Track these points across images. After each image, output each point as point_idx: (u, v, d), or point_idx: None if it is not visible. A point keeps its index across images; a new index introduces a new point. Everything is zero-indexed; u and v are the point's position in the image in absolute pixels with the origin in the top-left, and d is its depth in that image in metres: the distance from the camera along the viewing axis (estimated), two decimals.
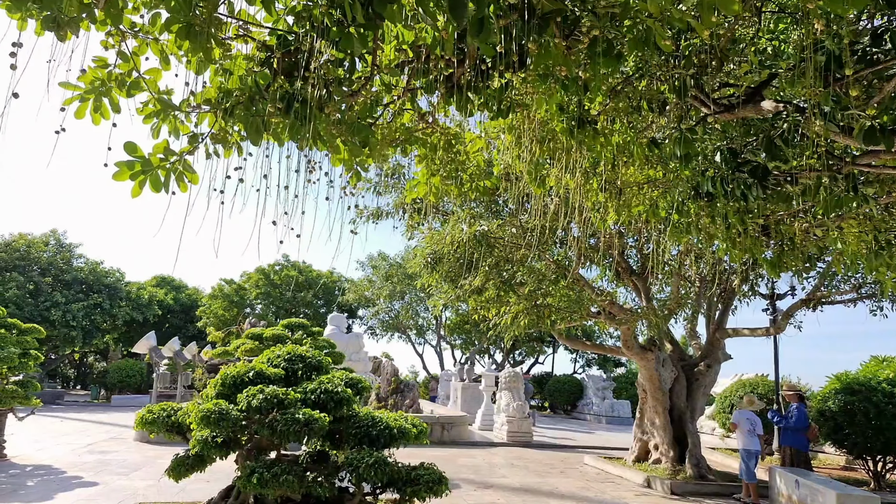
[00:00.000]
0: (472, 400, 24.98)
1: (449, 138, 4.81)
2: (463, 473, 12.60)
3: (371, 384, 22.84)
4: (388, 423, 4.96)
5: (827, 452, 16.60)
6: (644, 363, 13.07)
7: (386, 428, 4.91)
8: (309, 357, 5.53)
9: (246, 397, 4.63)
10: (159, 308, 43.37)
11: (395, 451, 5.21)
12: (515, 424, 18.45)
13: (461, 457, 15.08)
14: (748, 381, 18.60)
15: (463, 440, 18.01)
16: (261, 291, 38.27)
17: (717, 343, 13.77)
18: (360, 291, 36.97)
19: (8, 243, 37.35)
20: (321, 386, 4.98)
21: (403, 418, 5.25)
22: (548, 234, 10.19)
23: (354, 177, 4.40)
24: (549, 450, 17.53)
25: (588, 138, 5.22)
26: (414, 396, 19.44)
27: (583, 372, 39.53)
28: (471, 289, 12.09)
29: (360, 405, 5.72)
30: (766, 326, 13.54)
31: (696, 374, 13.69)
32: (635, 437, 14.11)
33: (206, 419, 4.50)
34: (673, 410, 13.46)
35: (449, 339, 39.02)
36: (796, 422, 11.41)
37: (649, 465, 13.20)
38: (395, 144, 4.69)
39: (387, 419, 5.04)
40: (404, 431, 5.00)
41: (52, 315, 36.53)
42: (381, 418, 5.02)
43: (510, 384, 19.38)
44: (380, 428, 4.92)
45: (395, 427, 4.95)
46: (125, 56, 3.64)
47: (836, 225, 6.46)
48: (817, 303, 12.46)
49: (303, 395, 4.91)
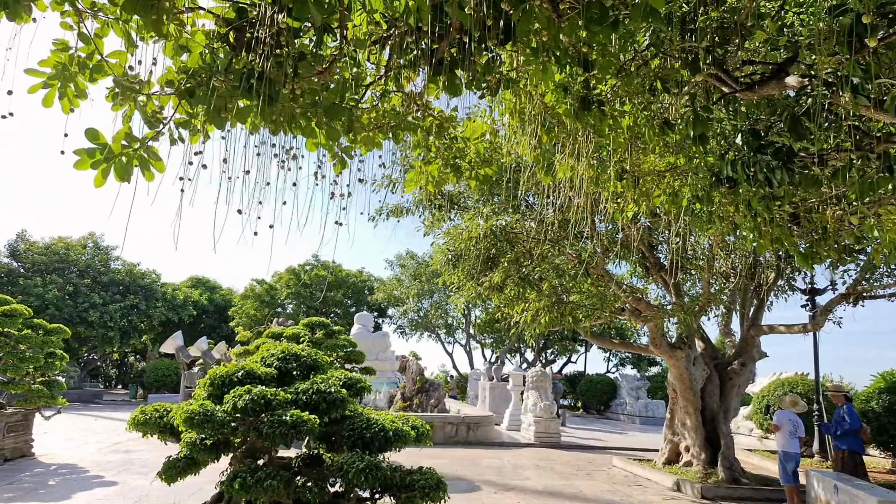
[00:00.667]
0: (501, 399, 24.63)
1: (442, 122, 4.51)
2: (486, 475, 12.29)
3: (395, 383, 22.68)
4: (383, 425, 4.69)
5: (872, 455, 15.81)
6: (674, 361, 12.56)
7: (381, 430, 4.64)
8: (304, 356, 5.29)
9: (232, 398, 4.42)
10: (194, 308, 44.07)
11: (419, 451, 4.95)
12: (543, 425, 18.05)
13: (486, 457, 14.76)
14: (787, 381, 17.86)
15: (489, 440, 17.69)
16: (291, 291, 38.50)
17: (752, 340, 13.17)
18: (389, 291, 36.88)
19: (48, 246, 38.31)
20: (314, 386, 4.74)
21: (403, 420, 4.97)
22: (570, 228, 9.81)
23: (339, 164, 4.14)
24: (577, 451, 17.09)
25: (594, 120, 4.87)
26: (439, 396, 19.19)
27: (616, 371, 38.80)
28: (490, 286, 11.78)
29: (363, 406, 5.47)
30: (803, 323, 12.88)
31: (729, 372, 13.12)
32: (665, 438, 13.60)
33: (190, 421, 4.30)
34: (705, 411, 12.93)
35: (479, 337, 38.67)
36: (852, 423, 10.79)
37: (680, 468, 12.69)
38: (384, 130, 4.42)
39: (383, 421, 4.77)
40: (401, 434, 4.72)
41: (90, 316, 37.35)
42: (376, 420, 4.76)
43: (537, 383, 18.97)
44: (374, 430, 4.65)
45: (391, 429, 4.68)
46: (86, 38, 3.44)
47: (873, 212, 5.96)
48: (858, 297, 11.77)
49: (294, 396, 4.68)
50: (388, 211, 14.42)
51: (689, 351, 12.76)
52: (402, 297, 36.69)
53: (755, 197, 5.65)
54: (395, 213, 14.30)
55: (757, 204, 5.68)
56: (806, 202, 6.66)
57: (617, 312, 11.48)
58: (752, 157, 4.97)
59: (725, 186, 5.67)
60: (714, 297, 12.67)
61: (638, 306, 11.67)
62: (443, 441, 17.19)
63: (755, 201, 5.66)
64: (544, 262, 10.63)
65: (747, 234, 6.80)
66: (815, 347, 15.63)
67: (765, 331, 13.04)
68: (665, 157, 7.22)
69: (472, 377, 32.17)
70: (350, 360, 13.76)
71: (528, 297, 10.83)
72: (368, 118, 4.28)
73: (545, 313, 10.64)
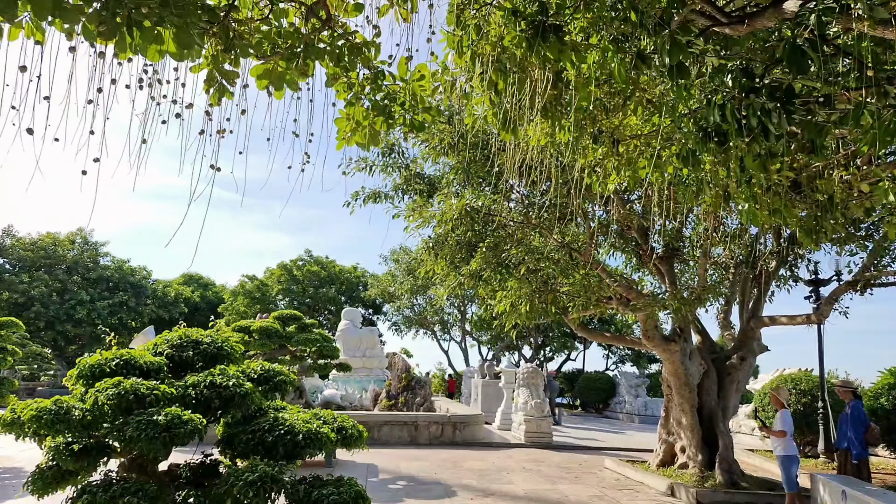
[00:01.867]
0: (494, 398, 23.74)
1: (356, 46, 3.64)
2: (465, 479, 11.43)
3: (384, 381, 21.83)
4: (292, 427, 3.84)
5: (880, 455, 14.90)
6: (668, 356, 11.67)
7: (287, 433, 3.80)
8: (206, 342, 4.44)
9: (94, 393, 3.58)
10: (186, 306, 43.33)
11: (399, 453, 4.11)
12: (534, 424, 17.17)
13: (470, 459, 13.90)
14: (791, 377, 16.94)
15: (477, 441, 16.83)
16: (282, 287, 37.68)
17: (752, 333, 12.27)
18: (383, 287, 36.00)
19: (34, 242, 37.53)
20: (207, 379, 3.90)
21: (321, 419, 4.12)
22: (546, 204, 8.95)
23: (217, 92, 3.28)
24: (569, 451, 16.21)
25: (552, 53, 4.01)
26: (426, 394, 18.32)
27: (615, 369, 37.88)
28: (469, 274, 10.92)
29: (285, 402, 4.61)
30: (806, 314, 11.97)
31: (728, 367, 12.22)
32: (660, 438, 12.72)
33: (38, 420, 3.47)
34: (702, 409, 12.04)
35: (475, 334, 37.78)
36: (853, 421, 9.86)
37: (675, 470, 11.80)
38: (287, 58, 3.55)
39: (294, 421, 3.93)
40: (314, 437, 3.88)
41: (77, 313, 36.61)
42: (284, 420, 3.92)
43: (528, 381, 18.08)
44: (278, 433, 3.80)
45: (301, 432, 3.83)
46: None
47: (888, 172, 5.10)
48: (866, 285, 10.85)
49: (181, 391, 3.85)
50: (364, 196, 13.56)
51: (685, 344, 11.87)
52: (397, 293, 35.82)
53: (749, 154, 4.77)
54: (372, 197, 13.44)
55: (751, 163, 4.79)
56: (809, 167, 5.78)
57: (604, 301, 10.57)
58: (744, 100, 4.10)
59: (714, 142, 4.79)
60: (711, 288, 11.78)
61: (628, 295, 10.78)
62: (427, 442, 16.35)
63: (749, 160, 4.78)
64: (521, 245, 9.74)
65: (741, 203, 5.92)
66: (819, 341, 14.72)
67: (766, 322, 12.14)
68: (649, 120, 6.36)
69: (466, 375, 31.33)
70: (324, 356, 12.92)
71: (508, 285, 9.95)
72: (260, 38, 3.42)
73: (525, 302, 9.77)
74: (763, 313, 12.36)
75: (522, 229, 9.87)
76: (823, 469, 13.99)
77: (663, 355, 11.76)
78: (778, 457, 9.20)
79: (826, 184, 5.66)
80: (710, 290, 11.53)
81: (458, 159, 10.06)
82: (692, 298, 10.78)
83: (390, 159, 13.51)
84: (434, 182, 13.19)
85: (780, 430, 9.09)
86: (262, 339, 12.38)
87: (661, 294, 12.77)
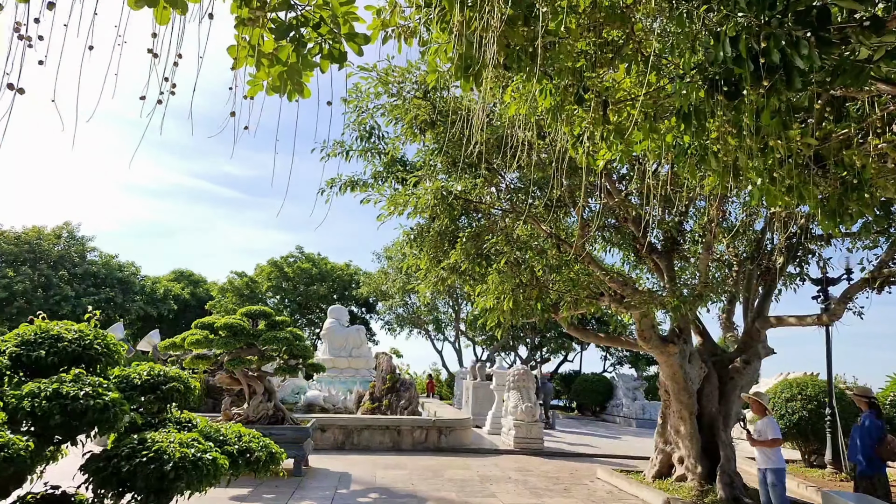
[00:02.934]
0: (485, 400, 22.77)
1: None
2: (444, 490, 10.48)
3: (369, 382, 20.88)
4: (159, 452, 2.88)
5: (893, 466, 13.93)
6: (666, 358, 10.71)
7: (151, 461, 2.86)
8: (68, 339, 3.50)
9: None
10: (175, 303, 42.32)
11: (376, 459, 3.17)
12: (524, 429, 16.22)
13: (453, 467, 12.95)
14: (796, 381, 15.96)
15: (464, 447, 15.88)
16: (272, 285, 36.73)
17: (757, 334, 11.32)
18: (376, 285, 35.01)
19: (18, 236, 36.59)
20: (50, 387, 2.95)
21: (216, 440, 3.19)
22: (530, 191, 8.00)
23: None
24: (560, 459, 15.27)
25: None
26: (411, 396, 17.36)
27: (613, 371, 36.91)
28: (448, 267, 9.97)
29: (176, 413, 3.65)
30: (816, 314, 11.01)
31: (730, 371, 11.27)
32: (656, 447, 11.75)
33: None
34: (702, 416, 11.08)
35: (470, 334, 36.80)
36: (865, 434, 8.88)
37: (672, 483, 10.84)
38: None
39: (165, 445, 2.99)
40: (192, 466, 2.93)
41: (61, 309, 35.68)
42: (152, 443, 2.98)
43: (519, 383, 17.13)
44: (137, 462, 2.86)
45: (173, 458, 2.89)
46: None
47: None
48: (885, 282, 9.89)
49: (15, 403, 2.91)
50: (341, 183, 12.59)
51: (684, 346, 10.91)
52: (389, 292, 34.86)
53: (767, 110, 3.81)
54: (350, 185, 12.47)
55: (769, 120, 3.84)
56: (834, 135, 4.82)
57: (594, 297, 9.60)
58: (765, 27, 3.16)
59: (722, 94, 3.84)
60: (714, 287, 10.82)
61: (622, 291, 9.81)
62: (410, 447, 15.41)
63: (766, 116, 3.83)
64: (502, 234, 8.78)
65: (753, 180, 4.97)
66: (827, 343, 13.77)
67: (772, 323, 11.19)
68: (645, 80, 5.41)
69: (458, 376, 30.38)
70: (295, 355, 11.95)
71: (489, 279, 9.00)
72: None
73: (508, 298, 8.81)
74: (769, 313, 11.41)
75: (504, 217, 8.92)
76: (830, 480, 13.06)
77: (661, 358, 10.81)
78: (770, 471, 8.08)
79: (856, 154, 4.70)
80: (712, 288, 10.58)
81: (436, 138, 9.12)
82: (693, 296, 9.82)
83: (370, 143, 12.56)
84: (417, 169, 12.27)
85: (773, 438, 8.05)
86: (227, 338, 11.42)
87: (659, 291, 11.82)
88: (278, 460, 3.56)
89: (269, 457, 3.50)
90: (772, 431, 8.03)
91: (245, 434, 3.58)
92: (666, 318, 13.50)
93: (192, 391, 3.78)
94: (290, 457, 11.30)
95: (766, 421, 8.15)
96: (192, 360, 11.94)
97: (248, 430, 3.69)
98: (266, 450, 3.50)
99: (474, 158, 8.83)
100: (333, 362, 22.31)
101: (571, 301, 9.96)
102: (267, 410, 11.78)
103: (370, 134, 12.49)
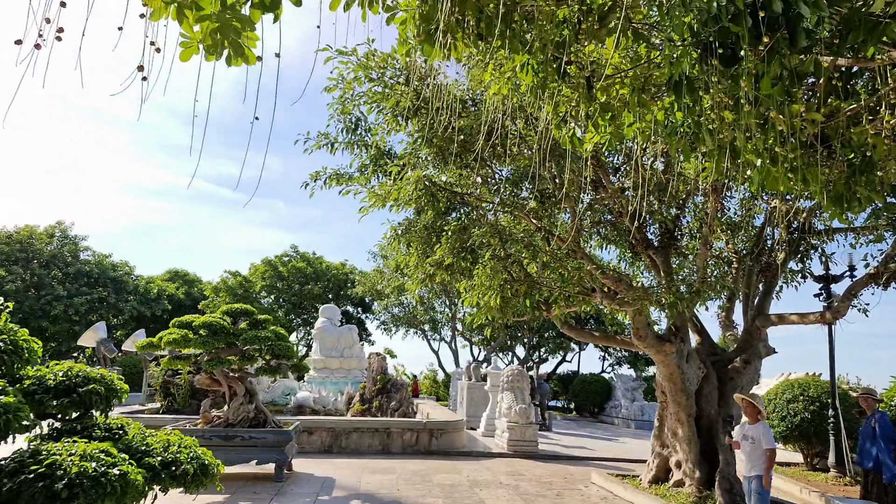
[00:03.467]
0: (480, 401, 22.33)
1: None
2: (430, 496, 10.03)
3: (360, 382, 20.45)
4: (52, 467, 2.46)
5: None
6: (662, 358, 10.27)
7: (39, 478, 2.42)
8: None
9: None
10: (169, 303, 41.86)
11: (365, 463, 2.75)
12: (518, 431, 15.77)
13: (443, 471, 12.50)
14: (797, 382, 15.51)
15: (455, 449, 15.42)
16: (266, 284, 36.27)
17: (757, 333, 10.88)
18: (371, 284, 34.55)
19: (9, 235, 36.15)
20: None
21: (133, 453, 2.75)
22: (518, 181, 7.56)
23: None
24: (555, 462, 14.82)
25: None
26: (402, 397, 16.91)
27: (612, 371, 36.47)
28: (434, 262, 9.53)
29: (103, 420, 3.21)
30: (819, 311, 10.56)
31: (730, 371, 10.83)
32: (653, 451, 11.31)
33: None
34: (700, 418, 10.63)
35: (467, 334, 36.35)
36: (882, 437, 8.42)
37: (669, 489, 10.39)
38: None
39: (63, 459, 2.56)
40: (92, 484, 2.50)
41: (53, 309, 35.25)
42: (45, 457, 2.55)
43: (513, 384, 16.68)
44: (21, 479, 2.43)
45: (69, 475, 2.46)
46: None
47: None
48: (892, 277, 9.45)
49: None
50: (326, 177, 12.15)
51: (682, 345, 10.47)
52: (384, 291, 34.40)
53: (767, 76, 3.37)
54: (335, 179, 12.02)
55: (769, 88, 3.40)
56: (844, 110, 4.38)
57: (585, 293, 9.16)
58: None
59: (717, 58, 3.40)
60: (712, 284, 10.39)
61: (616, 287, 9.37)
62: (400, 451, 14.96)
63: (767, 83, 3.38)
64: (488, 226, 8.34)
65: (752, 161, 4.53)
66: (830, 342, 13.31)
67: (773, 321, 10.74)
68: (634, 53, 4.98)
69: (454, 377, 29.94)
70: (277, 355, 11.50)
71: (474, 274, 8.56)
72: None
73: (495, 294, 8.36)
74: (770, 310, 10.97)
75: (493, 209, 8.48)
76: (834, 485, 12.62)
77: (657, 357, 10.37)
78: (757, 479, 7.49)
79: (865, 132, 4.26)
80: (710, 285, 10.14)
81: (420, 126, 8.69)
82: (690, 293, 9.38)
83: (356, 136, 12.11)
84: (406, 164, 11.84)
85: (771, 448, 7.48)
86: (206, 337, 10.99)
87: (654, 288, 11.38)
88: (211, 473, 3.14)
89: (201, 469, 3.07)
90: (768, 440, 7.49)
91: (174, 444, 3.15)
92: (662, 317, 13.07)
93: (116, 393, 3.35)
94: (271, 461, 10.87)
95: (761, 427, 7.61)
96: (170, 360, 11.51)
97: (182, 439, 3.26)
98: (196, 461, 3.07)
99: (459, 148, 8.40)
100: (325, 363, 21.89)
101: (563, 298, 9.53)
102: (248, 413, 11.34)
103: (356, 126, 12.03)
